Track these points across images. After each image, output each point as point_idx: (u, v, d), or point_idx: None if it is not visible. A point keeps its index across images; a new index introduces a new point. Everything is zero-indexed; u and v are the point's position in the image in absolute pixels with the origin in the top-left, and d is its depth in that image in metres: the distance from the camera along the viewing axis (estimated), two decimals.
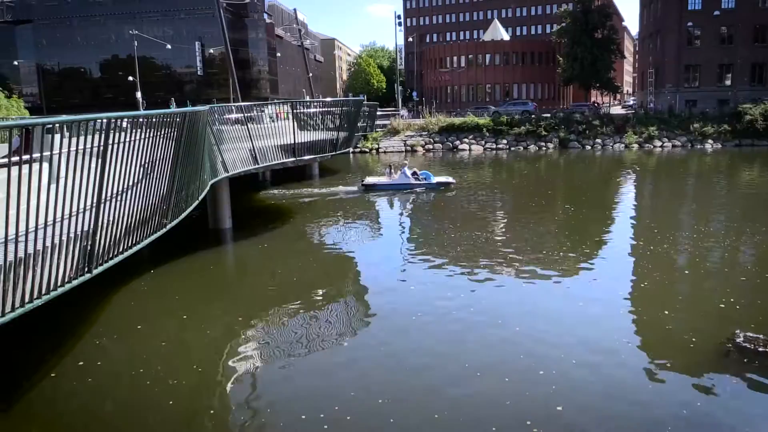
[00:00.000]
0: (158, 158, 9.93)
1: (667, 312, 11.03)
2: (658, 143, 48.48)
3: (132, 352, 10.05)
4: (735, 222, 19.73)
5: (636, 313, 11.13)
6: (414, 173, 28.20)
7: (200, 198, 13.80)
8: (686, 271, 14.00)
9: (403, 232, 20.27)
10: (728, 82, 57.30)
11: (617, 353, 9.25)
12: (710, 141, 47.85)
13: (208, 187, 15.16)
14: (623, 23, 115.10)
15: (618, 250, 16.44)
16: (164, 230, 10.96)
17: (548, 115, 54.29)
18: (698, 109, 52.10)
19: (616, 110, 65.22)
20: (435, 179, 28.09)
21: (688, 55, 58.10)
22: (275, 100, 54.62)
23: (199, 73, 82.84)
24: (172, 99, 55.85)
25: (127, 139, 8.50)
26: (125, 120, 8.61)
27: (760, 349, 8.82)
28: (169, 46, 71.56)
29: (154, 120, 9.83)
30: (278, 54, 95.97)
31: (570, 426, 7.20)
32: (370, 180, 29.18)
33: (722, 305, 11.12)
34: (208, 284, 14.36)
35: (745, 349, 8.88)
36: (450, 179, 28.85)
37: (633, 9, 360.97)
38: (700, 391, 7.99)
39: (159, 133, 9.82)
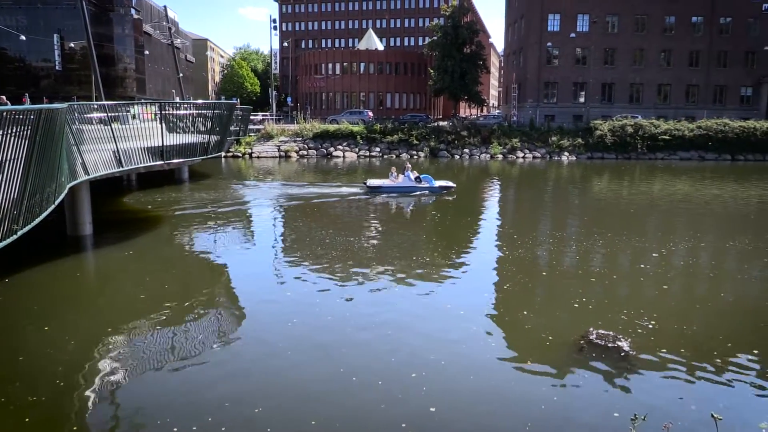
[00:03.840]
0: (8, 158, 9.19)
1: (527, 312, 11.80)
2: (520, 154, 51.53)
3: None
4: (585, 227, 21.49)
5: (499, 314, 11.79)
6: (416, 177, 28.05)
7: (57, 202, 12.92)
8: (544, 274, 15.01)
9: (276, 239, 20.06)
10: (582, 99, 62.14)
11: (483, 353, 9.78)
12: (566, 153, 51.61)
13: (66, 191, 14.21)
14: (490, 40, 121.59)
15: (483, 255, 17.33)
16: (15, 237, 10.15)
17: (379, 124, 55.13)
18: (556, 124, 56.09)
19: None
20: (437, 183, 28.16)
21: (548, 72, 62.41)
22: (142, 100, 52.05)
23: (57, 67, 77.00)
24: (27, 95, 51.43)
25: None
26: None
27: (610, 345, 9.70)
28: (23, 37, 65.86)
29: (3, 116, 9.06)
30: (146, 52, 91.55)
31: (443, 425, 7.47)
32: (373, 182, 28.60)
33: (576, 305, 12.07)
34: (69, 294, 13.41)
35: (597, 345, 9.75)
36: (451, 183, 28.91)
37: (499, 27, 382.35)
38: (557, 385, 8.63)
39: (9, 132, 9.09)
